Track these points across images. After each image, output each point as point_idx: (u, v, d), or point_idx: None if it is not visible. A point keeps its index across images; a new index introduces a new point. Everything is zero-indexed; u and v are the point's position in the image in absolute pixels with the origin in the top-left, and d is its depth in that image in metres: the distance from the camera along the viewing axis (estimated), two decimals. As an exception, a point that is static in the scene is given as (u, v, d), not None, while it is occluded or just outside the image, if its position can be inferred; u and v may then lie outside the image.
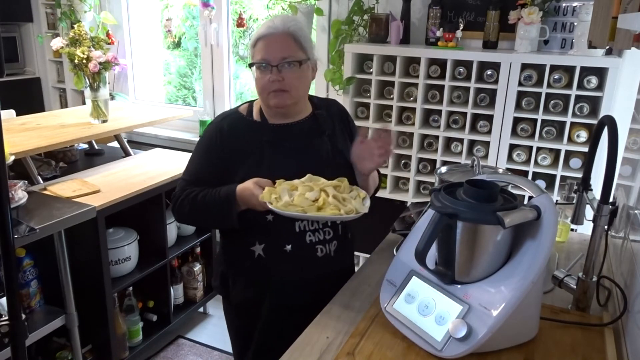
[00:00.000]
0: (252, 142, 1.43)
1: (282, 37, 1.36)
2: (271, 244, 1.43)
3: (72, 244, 2.06)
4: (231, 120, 1.46)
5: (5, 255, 1.12)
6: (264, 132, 1.44)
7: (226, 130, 1.44)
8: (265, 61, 1.36)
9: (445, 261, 1.11)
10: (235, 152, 1.43)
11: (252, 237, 1.44)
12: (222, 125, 1.45)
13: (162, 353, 2.63)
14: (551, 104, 2.29)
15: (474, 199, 1.06)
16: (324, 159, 1.46)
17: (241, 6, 3.51)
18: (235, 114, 1.49)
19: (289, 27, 1.36)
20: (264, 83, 1.37)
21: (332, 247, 1.47)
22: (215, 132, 1.45)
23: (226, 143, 1.43)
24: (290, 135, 1.45)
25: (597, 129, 1.25)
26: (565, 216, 1.65)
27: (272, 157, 1.42)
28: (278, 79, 1.35)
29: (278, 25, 1.36)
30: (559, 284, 1.29)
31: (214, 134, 1.45)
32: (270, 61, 1.35)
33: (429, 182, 2.65)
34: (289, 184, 1.31)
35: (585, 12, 2.18)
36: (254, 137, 1.43)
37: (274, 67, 1.35)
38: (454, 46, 2.44)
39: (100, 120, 2.84)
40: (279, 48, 1.35)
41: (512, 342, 1.10)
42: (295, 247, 1.43)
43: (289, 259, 1.43)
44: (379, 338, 1.14)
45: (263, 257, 1.44)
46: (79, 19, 3.50)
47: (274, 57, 1.35)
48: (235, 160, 1.43)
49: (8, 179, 1.21)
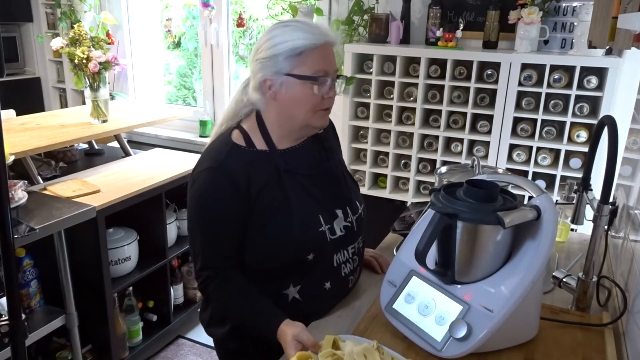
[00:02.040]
0: (270, 177, 1.20)
1: (333, 48, 1.19)
2: (310, 284, 1.25)
3: (72, 244, 2.06)
4: (236, 156, 1.19)
5: (5, 255, 1.12)
6: (278, 162, 1.22)
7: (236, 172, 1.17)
8: (327, 73, 1.16)
9: (445, 261, 1.11)
10: (255, 196, 1.18)
11: (287, 279, 1.24)
12: (229, 168, 1.17)
13: (162, 353, 2.63)
14: (551, 104, 2.29)
15: (474, 199, 1.06)
16: (341, 181, 1.33)
17: (241, 6, 3.51)
18: (236, 148, 1.21)
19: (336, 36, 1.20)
20: (316, 99, 1.17)
21: (357, 275, 1.37)
22: (222, 180, 1.17)
23: (243, 189, 1.17)
24: (302, 160, 1.27)
25: (597, 129, 1.25)
26: (565, 216, 1.65)
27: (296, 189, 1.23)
28: (336, 94, 1.19)
29: (329, 33, 1.18)
30: (559, 284, 1.29)
31: (222, 182, 1.17)
32: (331, 74, 1.17)
33: (429, 182, 2.65)
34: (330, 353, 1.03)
35: (585, 12, 2.18)
36: (268, 170, 1.21)
37: (333, 82, 1.17)
38: (454, 46, 2.44)
39: (100, 120, 2.84)
40: (333, 60, 1.18)
41: (512, 342, 1.10)
42: (333, 283, 1.27)
43: (327, 297, 1.27)
44: (379, 338, 1.14)
45: (299, 300, 1.25)
46: (79, 19, 3.51)
47: (333, 70, 1.17)
48: (259, 206, 1.19)
49: (8, 179, 1.21)
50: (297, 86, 1.16)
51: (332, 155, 1.35)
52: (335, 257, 1.27)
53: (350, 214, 1.31)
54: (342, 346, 1.02)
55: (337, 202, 1.30)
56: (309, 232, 1.22)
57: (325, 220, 1.25)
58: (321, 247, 1.24)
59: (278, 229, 1.20)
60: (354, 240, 1.32)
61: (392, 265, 1.24)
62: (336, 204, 1.29)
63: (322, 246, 1.24)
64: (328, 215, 1.26)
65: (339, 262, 1.28)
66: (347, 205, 1.31)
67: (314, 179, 1.28)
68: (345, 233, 1.29)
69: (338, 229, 1.27)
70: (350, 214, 1.31)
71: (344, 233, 1.28)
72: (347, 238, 1.29)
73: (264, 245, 1.22)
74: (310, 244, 1.22)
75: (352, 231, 1.31)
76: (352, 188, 1.37)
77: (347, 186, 1.35)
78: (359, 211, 1.35)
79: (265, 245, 1.21)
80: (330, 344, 1.02)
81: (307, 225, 1.22)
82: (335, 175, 1.34)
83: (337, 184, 1.33)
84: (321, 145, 1.34)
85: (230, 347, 1.38)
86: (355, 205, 1.34)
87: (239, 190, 1.17)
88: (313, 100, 1.17)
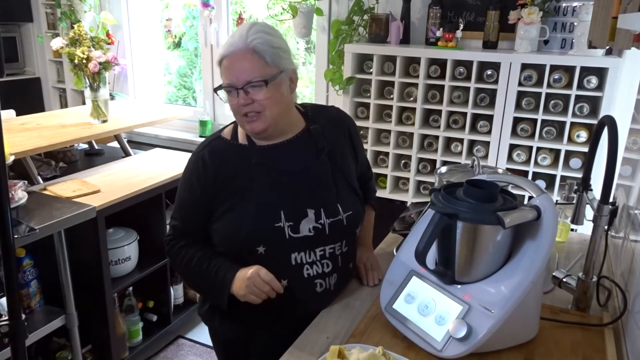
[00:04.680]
0: (240, 168, 1.28)
1: (244, 55, 1.19)
2: None
3: (72, 244, 2.06)
4: (213, 148, 1.31)
5: (5, 255, 1.12)
6: (253, 156, 1.29)
7: (208, 160, 1.29)
8: (230, 84, 1.21)
9: (445, 261, 1.11)
10: (221, 183, 1.28)
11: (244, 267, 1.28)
12: (203, 156, 1.30)
13: (162, 353, 2.63)
14: (551, 104, 2.29)
15: (474, 199, 1.06)
16: (324, 182, 1.31)
17: (241, 6, 3.51)
18: (217, 140, 1.33)
19: (250, 42, 1.19)
20: (234, 107, 1.24)
21: (332, 280, 1.32)
22: (196, 165, 1.30)
23: (210, 175, 1.28)
24: (284, 157, 1.31)
25: (597, 129, 1.25)
26: (565, 216, 1.65)
27: (263, 183, 1.27)
28: (247, 102, 1.21)
29: (237, 42, 1.19)
30: (559, 284, 1.29)
31: (195, 167, 1.30)
32: (235, 84, 1.20)
33: (429, 182, 2.65)
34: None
35: (585, 12, 2.18)
36: (241, 162, 1.29)
37: (240, 90, 1.20)
38: (454, 46, 2.44)
39: (100, 120, 2.84)
40: (241, 69, 1.19)
41: (512, 342, 1.10)
42: (293, 282, 1.28)
43: (284, 295, 1.25)
44: (379, 338, 1.14)
45: None
46: (79, 19, 3.51)
47: (238, 79, 1.20)
48: (222, 193, 1.28)
49: (8, 179, 1.21)
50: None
51: (320, 155, 1.33)
52: (293, 255, 1.28)
53: (323, 216, 1.28)
54: (347, 355, 1.02)
55: (311, 202, 1.28)
56: (261, 225, 1.25)
57: (287, 217, 1.26)
58: (275, 241, 1.26)
59: (235, 216, 1.27)
60: (324, 244, 1.30)
61: (392, 265, 1.24)
62: (309, 203, 1.28)
63: (277, 241, 1.26)
64: (294, 213, 1.26)
65: (299, 262, 1.28)
66: (321, 206, 1.29)
67: (292, 175, 1.30)
68: (314, 234, 1.27)
69: (305, 229, 1.27)
70: (324, 216, 1.28)
71: (313, 234, 1.27)
72: (314, 240, 1.28)
73: (221, 230, 1.29)
74: (260, 236, 1.26)
75: (324, 234, 1.28)
76: (339, 192, 1.32)
77: (329, 188, 1.31)
78: (339, 216, 1.30)
79: (222, 229, 1.29)
80: (335, 354, 1.02)
81: (261, 218, 1.25)
82: (317, 174, 1.32)
83: (318, 183, 1.31)
84: (313, 143, 1.33)
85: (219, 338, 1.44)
86: (334, 209, 1.30)
87: (205, 178, 1.29)
88: (231, 107, 1.25)
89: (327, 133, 1.36)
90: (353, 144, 1.42)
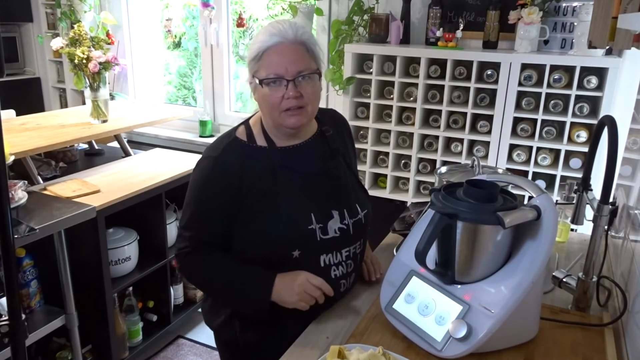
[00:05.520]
0: (263, 171, 1.24)
1: (294, 47, 1.18)
2: None
3: (72, 244, 2.06)
4: (233, 150, 1.25)
5: (5, 255, 1.12)
6: (275, 158, 1.26)
7: (231, 164, 1.23)
8: (279, 76, 1.17)
9: (445, 261, 1.11)
10: (247, 187, 1.22)
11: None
12: (226, 159, 1.23)
13: (162, 353, 2.63)
14: (551, 104, 2.29)
15: (474, 199, 1.06)
16: (343, 183, 1.32)
17: (241, 6, 3.51)
18: (236, 142, 1.26)
19: (300, 35, 1.19)
20: (275, 101, 1.19)
21: (351, 280, 1.35)
22: (217, 169, 1.23)
23: (235, 179, 1.22)
24: (304, 158, 1.29)
25: (597, 129, 1.25)
26: (565, 216, 1.65)
27: (289, 185, 1.25)
28: (296, 95, 1.18)
29: (288, 33, 1.18)
30: (559, 284, 1.29)
31: (216, 171, 1.23)
32: (284, 75, 1.17)
33: (429, 182, 2.65)
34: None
35: (585, 12, 2.18)
36: (263, 165, 1.24)
37: (290, 82, 1.17)
38: (454, 46, 2.44)
39: (100, 120, 2.84)
40: (292, 60, 1.17)
41: (512, 342, 1.10)
42: None
43: None
44: (379, 338, 1.14)
45: None
46: (79, 19, 3.51)
47: (288, 70, 1.17)
48: (249, 197, 1.23)
49: (8, 179, 1.21)
50: (259, 88, 1.21)
51: (337, 156, 1.34)
52: (322, 257, 1.27)
53: (347, 217, 1.30)
54: (347, 355, 1.02)
55: (334, 203, 1.29)
56: (296, 228, 1.23)
57: (317, 219, 1.25)
58: (308, 244, 1.24)
59: (266, 222, 1.23)
60: (349, 244, 1.31)
61: (392, 265, 1.24)
62: (333, 205, 1.29)
63: (310, 244, 1.24)
64: (322, 215, 1.26)
65: (327, 263, 1.28)
66: (344, 207, 1.30)
67: (313, 177, 1.29)
68: (340, 235, 1.28)
69: (332, 230, 1.27)
70: (347, 216, 1.30)
71: (339, 235, 1.28)
72: (341, 240, 1.29)
73: (251, 238, 1.25)
74: (297, 240, 1.24)
75: (348, 234, 1.30)
76: (355, 192, 1.35)
77: (348, 189, 1.34)
78: (359, 216, 1.32)
79: (252, 237, 1.25)
80: (335, 354, 1.02)
81: (295, 221, 1.23)
82: (337, 176, 1.33)
83: (338, 185, 1.32)
84: (327, 145, 1.34)
85: (223, 338, 1.41)
86: (354, 209, 1.32)
87: (230, 183, 1.22)
88: (271, 101, 1.20)
89: (338, 135, 1.38)
90: (352, 144, 1.46)
